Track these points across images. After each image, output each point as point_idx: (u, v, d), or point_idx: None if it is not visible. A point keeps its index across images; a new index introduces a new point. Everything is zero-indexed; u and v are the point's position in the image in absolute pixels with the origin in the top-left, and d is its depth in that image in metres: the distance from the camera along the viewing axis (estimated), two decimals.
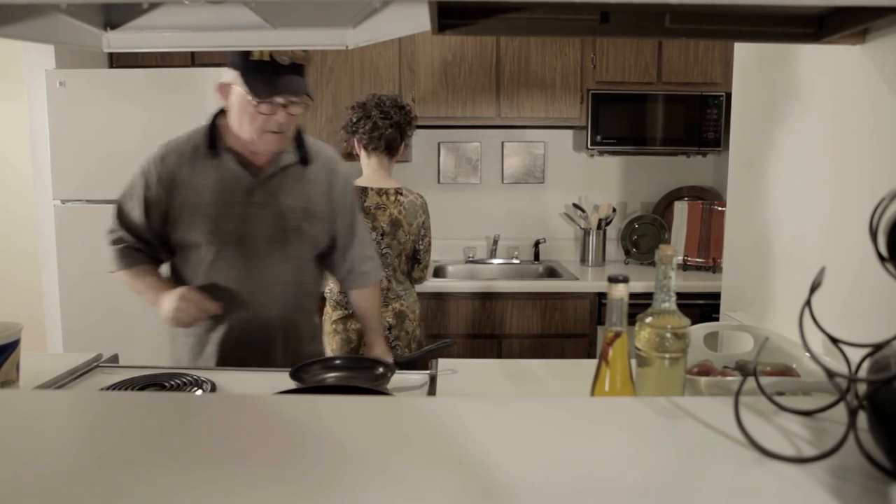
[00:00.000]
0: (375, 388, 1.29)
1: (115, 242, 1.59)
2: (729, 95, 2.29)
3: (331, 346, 2.12)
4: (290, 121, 1.46)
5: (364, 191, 2.08)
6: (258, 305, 1.54)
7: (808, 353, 0.73)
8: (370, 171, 2.13)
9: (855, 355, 0.71)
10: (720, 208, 2.93)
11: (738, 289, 1.62)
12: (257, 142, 1.46)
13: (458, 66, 2.93)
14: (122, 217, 1.58)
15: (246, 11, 1.05)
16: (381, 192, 2.09)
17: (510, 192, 3.34)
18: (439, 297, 2.73)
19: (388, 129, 2.06)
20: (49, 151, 2.58)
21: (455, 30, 1.01)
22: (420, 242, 2.17)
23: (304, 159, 1.56)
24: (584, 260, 3.22)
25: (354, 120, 2.09)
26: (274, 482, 0.60)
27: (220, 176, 1.51)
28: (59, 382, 1.35)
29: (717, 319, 1.74)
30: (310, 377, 1.41)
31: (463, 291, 2.72)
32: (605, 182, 3.35)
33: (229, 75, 1.44)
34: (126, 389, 1.33)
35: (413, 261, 2.19)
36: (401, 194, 2.11)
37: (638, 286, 2.59)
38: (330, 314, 2.14)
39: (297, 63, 1.42)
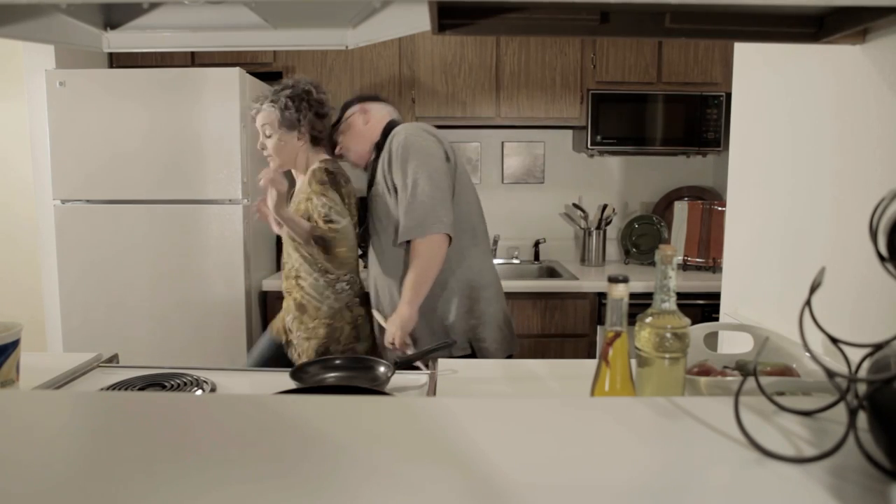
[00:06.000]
0: (375, 388, 1.29)
1: None
2: (729, 95, 2.29)
3: (351, 325, 1.97)
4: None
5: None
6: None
7: (808, 353, 0.73)
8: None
9: (855, 355, 0.71)
10: (720, 208, 2.93)
11: (738, 289, 1.62)
12: None
13: (458, 66, 2.93)
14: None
15: (246, 11, 1.05)
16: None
17: (510, 192, 3.34)
18: None
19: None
20: (49, 151, 2.58)
21: (455, 30, 1.01)
22: None
23: (377, 150, 1.91)
24: (584, 260, 3.22)
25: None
26: (274, 482, 0.60)
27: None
28: (59, 382, 1.35)
29: (717, 319, 1.74)
30: (310, 377, 1.41)
31: None
32: (605, 182, 3.35)
33: None
34: (126, 389, 1.33)
35: None
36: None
37: (638, 286, 2.60)
38: (348, 299, 1.98)
39: None
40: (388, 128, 1.94)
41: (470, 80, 2.94)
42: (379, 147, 1.93)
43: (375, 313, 1.92)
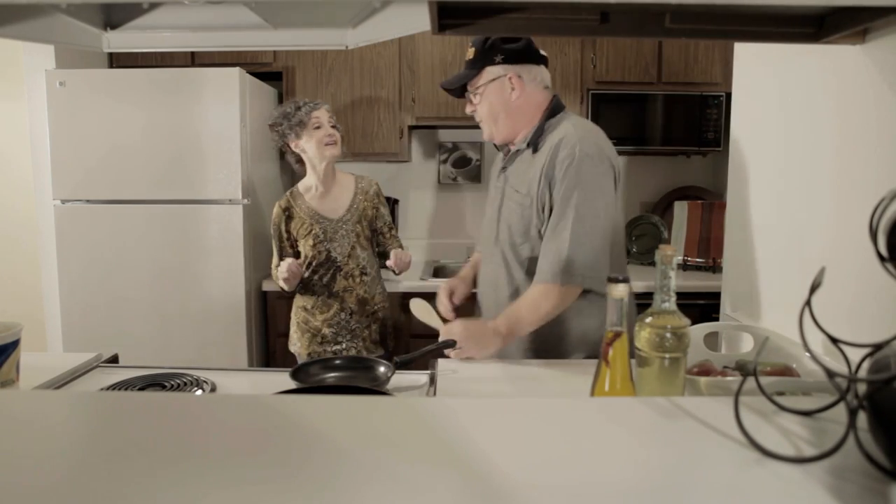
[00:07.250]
0: (375, 388, 1.29)
1: None
2: (729, 95, 2.29)
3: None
4: (472, 111, 1.63)
5: None
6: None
7: (808, 353, 0.73)
8: None
9: (855, 355, 0.71)
10: (720, 208, 2.93)
11: (738, 289, 1.62)
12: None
13: (459, 66, 2.92)
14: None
15: (246, 11, 1.05)
16: None
17: None
18: None
19: None
20: (49, 151, 2.58)
21: (455, 30, 1.01)
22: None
23: (534, 145, 1.56)
24: None
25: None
26: (274, 482, 0.60)
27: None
28: (59, 382, 1.35)
29: (717, 319, 1.74)
30: (310, 377, 1.41)
31: None
32: None
33: None
34: (126, 389, 1.33)
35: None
36: None
37: (638, 286, 2.59)
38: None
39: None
40: (554, 109, 1.57)
41: None
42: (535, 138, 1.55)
43: (420, 305, 1.77)
